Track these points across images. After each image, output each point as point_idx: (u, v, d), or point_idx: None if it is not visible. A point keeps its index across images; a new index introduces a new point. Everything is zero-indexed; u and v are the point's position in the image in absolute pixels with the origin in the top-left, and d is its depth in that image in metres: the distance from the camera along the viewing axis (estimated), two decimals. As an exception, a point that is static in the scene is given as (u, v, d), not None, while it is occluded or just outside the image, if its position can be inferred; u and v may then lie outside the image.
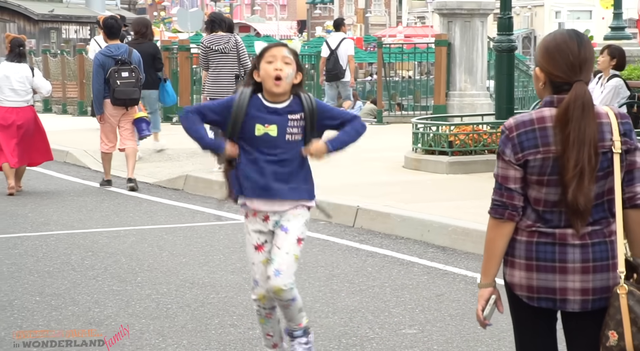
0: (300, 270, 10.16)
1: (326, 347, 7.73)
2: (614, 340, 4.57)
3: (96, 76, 15.64)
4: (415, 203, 12.83)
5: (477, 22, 19.92)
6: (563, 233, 4.71)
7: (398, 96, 29.61)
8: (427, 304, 8.98)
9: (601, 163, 4.69)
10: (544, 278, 4.74)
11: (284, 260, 6.06)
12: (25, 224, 12.98)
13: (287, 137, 6.04)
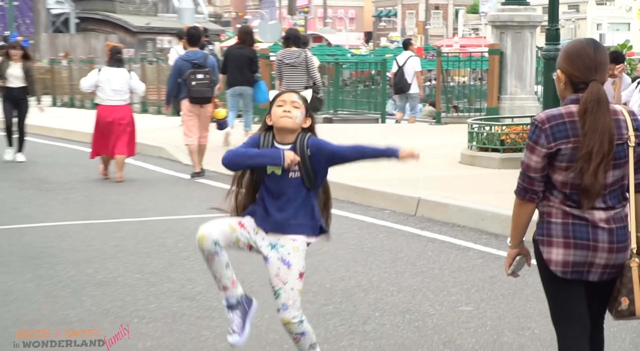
0: (368, 253, 10.25)
1: (391, 322, 7.72)
2: (625, 304, 4.94)
3: (172, 76, 16.45)
4: (471, 194, 12.78)
5: (527, 33, 19.80)
6: (594, 217, 4.94)
7: (454, 99, 29.47)
8: (481, 284, 8.95)
9: (618, 153, 4.93)
10: (580, 254, 4.97)
11: (290, 295, 5.86)
12: (126, 211, 13.10)
13: (290, 175, 5.85)
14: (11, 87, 18.09)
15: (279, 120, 5.78)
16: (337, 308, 8.14)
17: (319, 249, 10.44)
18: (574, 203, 4.98)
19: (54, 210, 13.23)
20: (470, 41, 74.10)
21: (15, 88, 18.12)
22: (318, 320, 7.75)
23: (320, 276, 9.25)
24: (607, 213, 4.97)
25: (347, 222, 12.19)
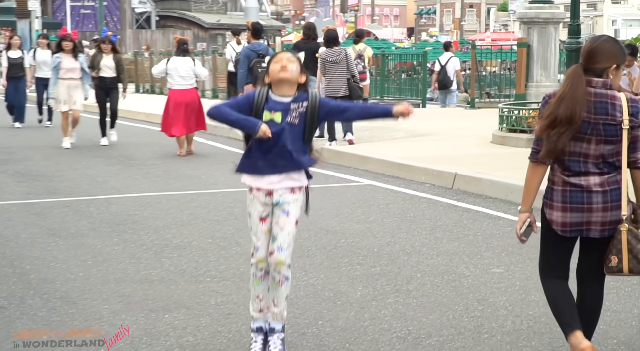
0: (410, 222, 10.20)
1: (431, 282, 7.68)
2: (615, 262, 5.19)
3: (242, 63, 16.87)
4: (501, 170, 12.67)
5: (551, 28, 19.58)
6: (588, 183, 5.18)
7: (486, 87, 29.31)
8: (510, 249, 8.86)
9: (609, 131, 5.14)
10: (576, 216, 5.23)
11: (286, 239, 5.75)
12: (199, 184, 13.14)
13: (288, 120, 5.70)
14: (104, 77, 17.76)
15: (278, 73, 5.67)
16: (383, 270, 8.11)
17: (368, 218, 10.44)
18: (570, 171, 5.23)
19: (137, 183, 13.30)
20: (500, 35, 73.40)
21: (108, 78, 17.79)
22: (367, 280, 7.73)
23: (368, 241, 9.22)
24: (601, 178, 5.19)
25: (392, 194, 12.15)
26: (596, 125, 5.14)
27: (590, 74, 5.21)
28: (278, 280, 5.78)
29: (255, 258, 5.81)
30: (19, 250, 8.92)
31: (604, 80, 5.20)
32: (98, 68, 17.77)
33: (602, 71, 5.22)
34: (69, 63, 17.24)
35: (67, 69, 17.19)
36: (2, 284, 7.60)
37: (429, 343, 6.12)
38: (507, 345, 6.09)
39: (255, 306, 5.84)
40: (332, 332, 6.36)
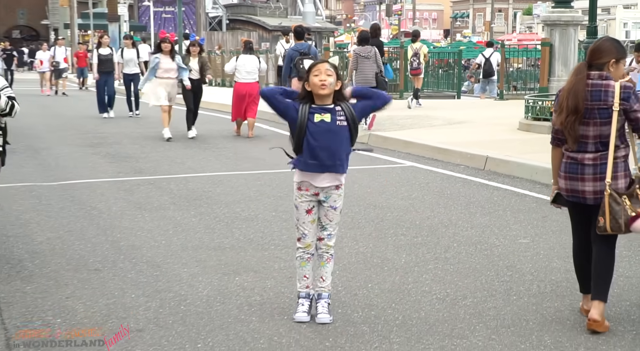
0: (447, 198, 10.15)
1: (466, 251, 7.62)
2: (602, 223, 5.45)
3: (287, 62, 17.31)
4: (527, 153, 12.53)
5: (571, 30, 19.31)
6: (582, 157, 5.53)
7: (513, 81, 29.03)
8: (535, 223, 8.77)
9: (603, 114, 5.46)
10: (572, 183, 5.62)
11: (334, 228, 5.77)
12: (264, 164, 13.14)
13: (337, 122, 5.60)
14: (190, 79, 16.86)
15: (318, 88, 5.56)
16: (424, 240, 8.06)
17: (410, 195, 10.38)
18: (570, 147, 5.62)
19: (211, 164, 13.34)
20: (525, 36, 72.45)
21: (193, 80, 16.91)
22: (410, 249, 7.69)
23: (411, 215, 9.17)
24: (594, 155, 5.52)
25: (431, 174, 12.06)
26: (592, 111, 5.48)
27: (594, 68, 5.54)
28: (326, 258, 5.79)
29: (303, 244, 5.78)
30: (110, 220, 8.99)
31: (601, 72, 5.52)
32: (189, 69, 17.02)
33: (604, 65, 5.54)
34: (167, 63, 16.52)
35: (165, 69, 16.50)
36: (97, 250, 7.67)
37: (465, 304, 6.08)
38: (533, 306, 6.02)
39: (302, 284, 5.82)
40: (380, 294, 6.34)
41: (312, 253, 5.79)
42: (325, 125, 5.59)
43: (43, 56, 34.07)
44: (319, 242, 5.78)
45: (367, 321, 5.71)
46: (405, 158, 13.59)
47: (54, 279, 6.72)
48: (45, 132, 18.03)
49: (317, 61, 5.78)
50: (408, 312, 5.89)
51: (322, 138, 5.60)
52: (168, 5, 59.03)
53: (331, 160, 5.64)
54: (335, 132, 5.61)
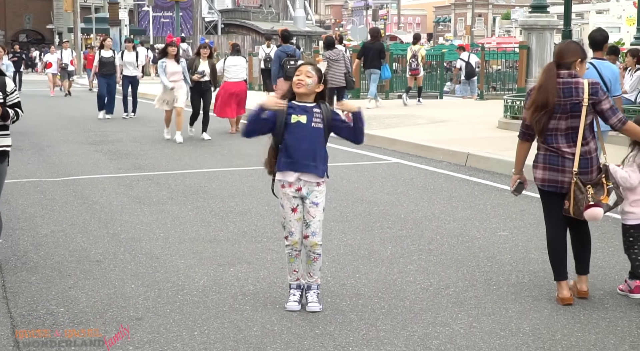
0: (430, 193, 10.11)
1: (449, 243, 7.60)
2: (567, 206, 5.73)
3: (274, 62, 17.54)
4: (506, 150, 12.47)
5: (547, 33, 19.33)
6: (562, 150, 5.68)
7: (492, 82, 29.04)
8: (514, 216, 8.76)
9: (575, 108, 5.63)
10: (551, 174, 5.75)
11: (317, 225, 5.64)
12: (257, 161, 12.88)
13: (313, 124, 5.54)
14: (200, 82, 16.20)
15: (295, 86, 5.57)
16: (409, 232, 8.04)
17: (396, 189, 10.36)
18: (549, 142, 5.72)
19: (206, 160, 13.29)
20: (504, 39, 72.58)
21: (202, 82, 16.26)
22: (395, 241, 7.66)
23: (396, 209, 9.15)
24: (570, 148, 5.67)
25: (415, 170, 12.04)
26: (565, 106, 5.64)
27: (562, 67, 5.72)
28: (313, 258, 5.71)
29: (290, 241, 5.70)
30: (111, 214, 8.94)
31: (570, 71, 5.71)
32: (201, 73, 16.22)
33: (570, 64, 5.74)
34: (172, 67, 15.79)
35: (171, 73, 15.77)
36: (98, 242, 7.63)
37: (447, 293, 6.06)
38: (512, 295, 6.00)
39: (292, 277, 5.78)
40: (367, 283, 6.31)
41: (300, 249, 5.72)
42: (300, 126, 5.53)
43: (51, 58, 33.45)
44: (305, 240, 5.69)
45: (355, 309, 5.69)
46: (390, 155, 13.56)
47: (57, 270, 6.67)
48: (49, 131, 17.92)
49: (303, 63, 5.73)
50: (393, 301, 5.86)
51: (297, 139, 5.54)
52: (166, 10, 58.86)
53: (306, 160, 5.57)
54: (309, 133, 5.55)
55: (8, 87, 6.64)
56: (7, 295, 5.97)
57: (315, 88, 5.59)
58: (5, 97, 6.59)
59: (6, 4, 76.78)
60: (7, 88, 6.63)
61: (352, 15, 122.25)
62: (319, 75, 5.63)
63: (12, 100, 6.67)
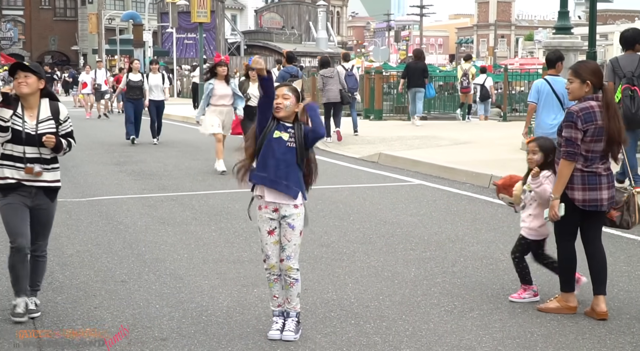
0: (453, 215, 10.08)
1: (473, 265, 7.58)
2: (619, 218, 6.14)
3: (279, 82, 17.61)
4: (529, 173, 12.48)
5: (571, 55, 19.19)
6: (600, 170, 5.90)
7: (515, 103, 29.02)
8: (538, 239, 8.71)
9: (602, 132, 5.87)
10: (592, 194, 5.90)
11: (293, 249, 5.54)
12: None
13: (288, 144, 5.49)
14: (250, 106, 14.36)
15: (275, 112, 5.52)
16: (432, 254, 8.02)
17: (419, 211, 10.34)
18: (589, 162, 5.87)
19: (230, 182, 13.25)
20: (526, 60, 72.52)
21: (254, 107, 13.83)
22: (419, 263, 7.65)
23: (419, 231, 9.14)
24: (605, 166, 5.96)
25: (438, 192, 12.02)
26: (602, 129, 5.87)
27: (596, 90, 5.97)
28: (289, 283, 5.59)
29: (268, 265, 5.60)
30: (136, 234, 8.99)
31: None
32: (247, 97, 14.66)
33: None
34: (222, 89, 14.20)
35: (220, 96, 14.20)
36: (123, 262, 7.67)
37: (472, 316, 6.03)
38: (537, 318, 5.97)
39: (274, 303, 5.63)
40: (390, 305, 6.30)
41: (278, 273, 5.59)
42: (278, 143, 5.50)
43: (86, 78, 32.05)
44: (281, 264, 5.58)
45: (379, 332, 5.68)
46: (413, 177, 13.54)
47: (83, 290, 6.71)
48: (74, 151, 17.96)
49: (278, 85, 5.70)
50: (418, 324, 5.85)
51: (272, 154, 5.50)
52: (190, 31, 59.26)
53: (277, 176, 5.49)
54: (283, 151, 5.50)
55: (61, 115, 6.09)
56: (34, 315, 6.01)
57: (294, 108, 5.56)
58: (58, 125, 6.06)
59: (32, 26, 77.68)
60: (61, 116, 6.09)
61: (374, 37, 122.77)
62: (296, 94, 5.60)
63: (64, 129, 6.13)
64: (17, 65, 5.89)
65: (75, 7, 79.73)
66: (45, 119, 5.98)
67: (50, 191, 6.02)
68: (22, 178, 5.89)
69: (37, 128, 5.91)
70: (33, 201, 5.93)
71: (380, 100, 26.05)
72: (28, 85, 5.83)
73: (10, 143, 5.88)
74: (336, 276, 7.20)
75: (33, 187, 5.91)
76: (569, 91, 6.07)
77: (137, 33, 49.91)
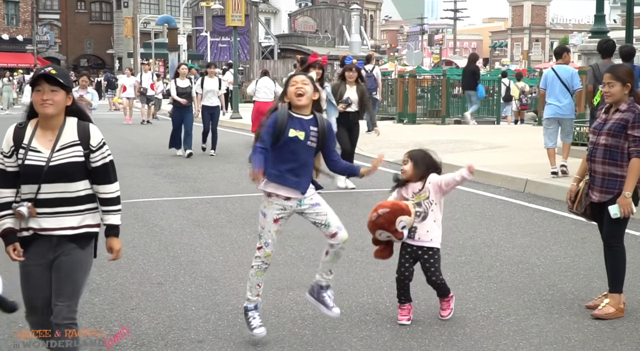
0: (489, 219, 10.04)
1: (508, 270, 7.53)
2: None
3: None
4: (565, 177, 12.38)
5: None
6: None
7: (551, 107, 29.09)
8: (575, 243, 8.65)
9: None
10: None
11: (337, 218, 5.47)
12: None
13: (308, 143, 5.38)
14: (346, 112, 12.35)
15: (295, 98, 5.37)
16: (467, 259, 7.98)
17: (454, 215, 10.29)
18: None
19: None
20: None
21: (350, 113, 12.40)
22: (454, 267, 7.62)
23: (454, 235, 9.09)
24: None
25: (473, 196, 11.97)
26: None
27: None
28: (341, 255, 5.56)
29: (262, 253, 5.47)
30: (171, 237, 9.05)
31: None
32: (345, 102, 12.36)
33: None
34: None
35: None
36: (159, 265, 7.72)
37: (508, 321, 6.00)
38: (575, 324, 5.92)
39: (254, 292, 5.51)
40: (426, 310, 6.28)
41: (270, 263, 5.52)
42: (296, 142, 5.37)
43: (127, 82, 30.41)
44: (332, 239, 5.45)
45: (415, 336, 5.66)
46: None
47: (120, 292, 6.77)
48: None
49: (293, 74, 5.58)
50: (454, 328, 5.83)
51: (290, 154, 5.39)
52: (224, 35, 59.53)
53: (295, 176, 5.41)
54: (303, 150, 5.40)
55: (93, 139, 4.45)
56: (71, 316, 6.06)
57: (313, 96, 5.45)
58: (88, 152, 4.45)
59: (68, 30, 78.47)
60: (92, 140, 4.45)
61: (408, 40, 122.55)
62: (313, 83, 5.49)
63: (97, 160, 4.47)
64: (43, 75, 4.32)
65: (110, 11, 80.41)
66: (68, 145, 4.40)
67: (78, 238, 4.45)
68: (38, 228, 4.41)
69: (50, 158, 4.35)
70: (55, 252, 4.44)
71: (413, 104, 25.99)
72: (55, 105, 4.33)
73: (24, 184, 4.40)
74: (371, 280, 7.19)
75: (53, 236, 4.42)
76: (609, 94, 6.04)
77: (172, 37, 50.21)
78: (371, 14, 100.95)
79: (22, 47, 68.78)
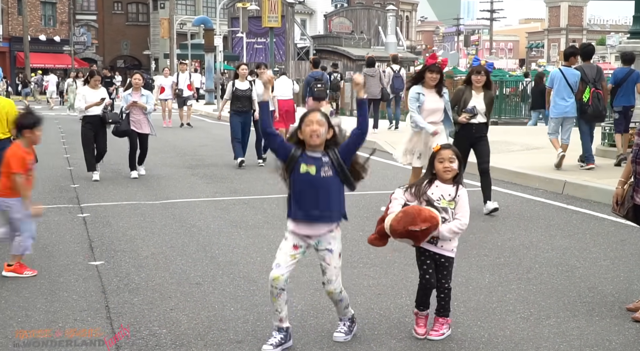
0: (527, 221, 9.96)
1: (548, 272, 7.47)
2: None
3: (305, 86, 21.30)
4: (604, 178, 12.28)
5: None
6: None
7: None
8: (614, 246, 8.56)
9: None
10: None
11: (333, 272, 5.40)
12: (351, 186, 13.08)
13: (322, 174, 5.25)
14: (470, 123, 10.47)
15: (309, 139, 5.25)
16: (506, 260, 7.93)
17: (491, 217, 10.23)
18: None
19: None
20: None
21: (474, 124, 10.48)
22: (493, 269, 7.57)
23: (492, 237, 9.04)
24: None
25: (511, 197, 11.89)
26: None
27: None
28: (334, 301, 5.59)
29: (272, 275, 5.30)
30: (209, 237, 9.09)
31: None
32: (470, 111, 10.42)
33: None
34: (432, 102, 10.23)
35: (430, 110, 10.24)
36: (197, 265, 7.76)
37: (548, 324, 5.95)
38: (616, 327, 5.86)
39: (275, 317, 5.45)
40: (465, 312, 6.25)
41: (283, 288, 5.31)
42: (308, 178, 5.29)
43: (165, 82, 28.86)
44: (324, 287, 5.52)
45: (454, 338, 5.63)
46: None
47: (159, 292, 6.81)
48: (148, 155, 18.34)
49: (308, 111, 5.42)
50: (493, 330, 5.79)
51: (306, 190, 5.31)
52: (260, 36, 59.79)
53: (317, 211, 5.32)
54: (319, 184, 5.30)
55: None
56: (111, 316, 6.12)
57: (327, 135, 5.33)
58: None
59: (104, 31, 79.19)
60: None
61: (443, 41, 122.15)
62: (328, 121, 5.36)
63: None
64: None
65: (147, 12, 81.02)
66: None
67: None
68: None
69: None
70: None
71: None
72: None
73: None
74: (409, 281, 7.16)
75: None
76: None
77: (209, 38, 50.41)
78: (407, 14, 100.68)
79: (59, 48, 69.56)
